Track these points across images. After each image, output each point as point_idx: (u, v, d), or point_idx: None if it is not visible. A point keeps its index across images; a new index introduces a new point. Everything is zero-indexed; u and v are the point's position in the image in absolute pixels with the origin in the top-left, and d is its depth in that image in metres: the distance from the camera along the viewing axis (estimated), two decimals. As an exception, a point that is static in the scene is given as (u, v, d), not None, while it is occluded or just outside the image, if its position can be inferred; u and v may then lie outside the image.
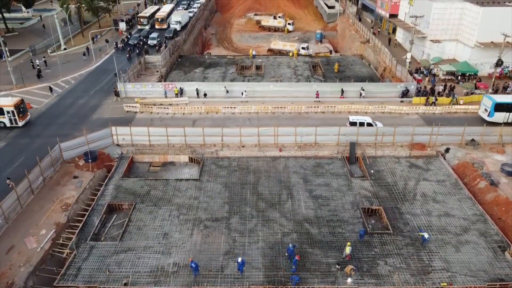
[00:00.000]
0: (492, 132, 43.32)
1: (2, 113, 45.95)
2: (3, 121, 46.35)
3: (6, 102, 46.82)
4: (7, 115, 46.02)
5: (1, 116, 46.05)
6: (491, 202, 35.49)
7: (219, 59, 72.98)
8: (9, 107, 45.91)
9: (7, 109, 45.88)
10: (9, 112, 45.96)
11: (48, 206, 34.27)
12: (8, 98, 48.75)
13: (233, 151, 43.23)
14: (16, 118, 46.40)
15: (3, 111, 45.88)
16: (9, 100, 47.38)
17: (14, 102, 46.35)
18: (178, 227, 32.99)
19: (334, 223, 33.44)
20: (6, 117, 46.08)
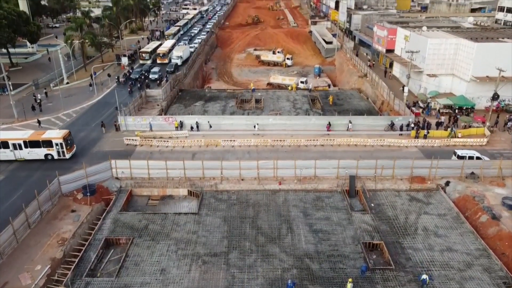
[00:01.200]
0: (492, 165, 43.35)
1: (50, 145, 46.26)
2: (51, 153, 46.58)
3: (55, 134, 47.31)
4: (56, 147, 46.32)
5: (50, 149, 46.35)
6: (493, 236, 35.00)
7: (219, 93, 74.00)
8: (58, 139, 46.28)
9: (56, 141, 46.23)
10: (58, 145, 46.28)
11: (45, 240, 33.76)
12: (56, 131, 49.38)
13: (233, 184, 43.07)
14: (64, 150, 46.67)
15: (51, 143, 46.22)
16: (57, 133, 47.90)
17: (63, 135, 46.84)
18: (176, 263, 32.37)
19: (335, 258, 32.84)
20: (54, 149, 46.39)
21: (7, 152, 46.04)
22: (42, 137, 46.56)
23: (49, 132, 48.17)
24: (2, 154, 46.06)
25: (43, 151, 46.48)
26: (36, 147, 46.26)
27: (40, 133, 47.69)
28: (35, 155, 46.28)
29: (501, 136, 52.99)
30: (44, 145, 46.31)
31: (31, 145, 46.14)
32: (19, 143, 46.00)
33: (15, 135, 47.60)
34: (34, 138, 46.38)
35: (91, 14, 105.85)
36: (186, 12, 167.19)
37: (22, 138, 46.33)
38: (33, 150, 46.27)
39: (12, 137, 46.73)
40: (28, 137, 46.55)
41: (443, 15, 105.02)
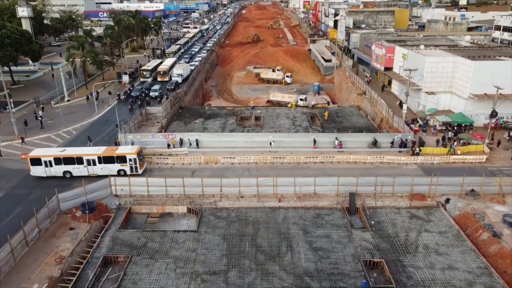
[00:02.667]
0: (491, 182, 43.30)
1: (124, 161, 46.51)
2: (124, 169, 46.82)
3: (129, 150, 47.69)
4: (129, 162, 46.58)
5: (123, 164, 46.59)
6: (495, 254, 34.72)
7: (219, 110, 74.37)
8: (132, 154, 46.62)
9: (130, 156, 46.54)
10: (131, 160, 46.54)
11: (42, 259, 33.48)
12: (129, 146, 49.75)
13: (232, 201, 42.93)
14: (137, 165, 46.88)
15: (125, 159, 46.47)
16: (130, 148, 48.30)
17: (136, 150, 47.22)
18: (175, 281, 32.03)
19: (335, 277, 32.51)
20: (128, 165, 46.66)
21: (81, 168, 46.38)
22: (116, 153, 46.85)
23: (122, 148, 48.58)
24: (76, 170, 46.40)
25: (117, 166, 46.70)
26: (110, 162, 46.53)
27: (114, 149, 47.97)
28: (108, 171, 46.25)
29: (500, 153, 53.05)
30: (118, 161, 46.58)
31: (105, 161, 46.41)
32: (93, 158, 46.29)
33: (89, 151, 47.90)
34: (108, 154, 46.69)
35: (93, 33, 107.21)
36: (187, 31, 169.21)
37: (96, 153, 46.63)
38: (106, 166, 46.47)
39: (86, 152, 47.09)
40: (102, 152, 46.84)
41: (441, 33, 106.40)
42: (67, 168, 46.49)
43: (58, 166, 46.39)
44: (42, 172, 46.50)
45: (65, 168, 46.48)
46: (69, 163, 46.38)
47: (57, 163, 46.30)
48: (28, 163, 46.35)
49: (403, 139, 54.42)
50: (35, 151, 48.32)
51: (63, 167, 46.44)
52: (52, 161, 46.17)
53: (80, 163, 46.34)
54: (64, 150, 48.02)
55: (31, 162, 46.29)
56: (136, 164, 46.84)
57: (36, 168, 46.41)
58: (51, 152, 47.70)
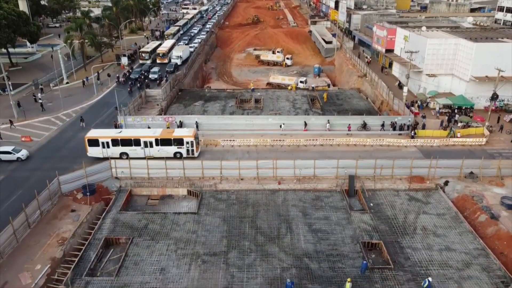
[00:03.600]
0: (491, 165, 43.45)
1: (181, 143, 46.48)
2: (180, 152, 46.77)
3: (186, 132, 47.57)
4: (186, 145, 46.53)
5: (180, 147, 46.57)
6: (492, 236, 35.11)
7: (219, 93, 74.08)
8: (190, 137, 46.53)
9: (187, 139, 46.49)
10: (188, 143, 46.50)
11: (44, 240, 33.85)
12: (186, 129, 49.53)
13: (232, 184, 43.16)
14: (194, 148, 46.83)
15: (182, 141, 46.42)
16: (187, 131, 48.14)
17: (193, 133, 47.12)
18: (176, 262, 32.46)
19: (334, 258, 32.94)
20: (184, 147, 46.63)
21: (138, 150, 46.50)
22: (173, 135, 46.83)
23: (178, 131, 48.48)
24: (132, 151, 46.52)
25: (173, 149, 46.72)
26: (167, 145, 46.58)
27: (170, 131, 47.94)
28: (164, 153, 46.34)
29: (500, 136, 53.06)
30: (175, 143, 46.56)
31: (162, 143, 46.46)
32: (151, 141, 46.34)
33: (147, 133, 47.85)
34: (166, 136, 46.72)
35: (90, 14, 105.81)
36: (186, 12, 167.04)
37: (154, 136, 46.67)
38: (163, 148, 46.55)
39: (143, 134, 47.12)
40: (159, 135, 46.82)
41: (443, 15, 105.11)
42: (124, 150, 46.57)
43: (115, 148, 46.46)
44: (99, 153, 46.48)
45: (122, 150, 46.57)
46: (126, 145, 46.48)
47: (114, 145, 46.37)
48: (86, 144, 46.35)
49: (393, 121, 54.33)
50: (91, 132, 48.19)
51: (120, 148, 46.53)
52: (109, 142, 46.24)
53: (137, 144, 46.41)
54: (121, 132, 48.03)
55: (89, 143, 46.29)
56: (192, 147, 46.64)
57: (93, 149, 46.45)
58: (108, 134, 47.61)
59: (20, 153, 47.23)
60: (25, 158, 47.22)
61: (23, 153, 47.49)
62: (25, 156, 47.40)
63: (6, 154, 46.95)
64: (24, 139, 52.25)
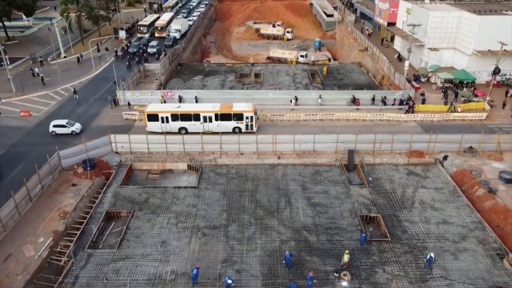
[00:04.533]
0: (490, 139, 43.48)
1: (240, 118, 46.00)
2: (239, 127, 46.32)
3: (246, 107, 46.96)
4: (245, 120, 46.01)
5: (239, 122, 46.13)
6: (489, 209, 35.49)
7: (218, 67, 73.34)
8: (249, 112, 45.97)
9: (247, 114, 45.93)
10: (248, 118, 45.97)
11: (46, 214, 34.26)
12: (245, 104, 48.74)
13: (232, 158, 43.32)
14: (253, 123, 46.38)
15: (242, 116, 45.93)
16: (247, 106, 47.50)
17: (253, 108, 46.58)
18: (176, 235, 32.95)
19: (332, 231, 33.41)
20: (243, 122, 46.13)
21: (197, 125, 46.19)
22: (233, 110, 46.29)
23: (237, 105, 47.71)
24: (191, 126, 46.24)
25: (232, 124, 46.30)
26: (226, 120, 46.13)
27: (229, 106, 47.25)
28: (223, 128, 46.04)
29: (500, 111, 52.85)
30: (235, 118, 46.12)
31: (221, 118, 46.04)
32: (210, 115, 45.94)
33: (206, 107, 47.28)
34: (225, 111, 46.20)
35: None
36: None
37: (213, 111, 46.17)
38: (222, 123, 46.15)
39: (203, 109, 46.64)
40: (219, 110, 46.32)
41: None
42: (183, 125, 46.31)
43: (175, 122, 46.20)
44: (158, 128, 46.25)
45: (181, 125, 46.31)
46: (185, 120, 46.17)
47: (174, 119, 46.07)
48: (145, 118, 46.14)
49: (382, 96, 54.01)
50: (150, 106, 47.81)
51: (180, 123, 46.27)
52: (169, 117, 45.95)
53: (196, 119, 46.05)
54: (180, 107, 47.56)
55: (148, 118, 46.03)
56: (252, 121, 46.19)
57: (152, 123, 46.22)
58: (167, 108, 47.21)
59: (74, 127, 47.17)
60: (79, 132, 47.07)
61: (77, 126, 47.43)
62: (79, 129, 47.28)
63: (61, 127, 46.88)
64: (23, 114, 52.11)
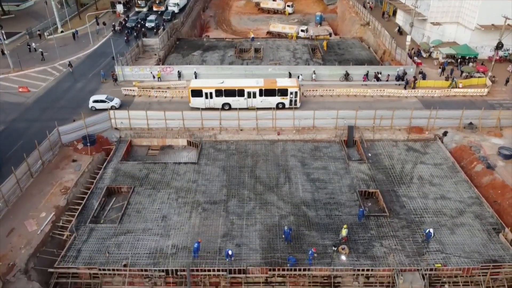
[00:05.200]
0: (490, 115, 43.36)
1: (285, 94, 45.46)
2: (283, 102, 45.77)
3: (290, 83, 46.53)
4: (290, 96, 45.49)
5: (284, 97, 45.57)
6: (487, 185, 35.76)
7: (218, 42, 72.39)
8: (294, 88, 45.43)
9: (292, 90, 45.39)
10: (292, 93, 45.43)
11: (48, 189, 34.53)
12: (289, 79, 48.19)
13: (231, 134, 43.32)
14: (297, 99, 45.84)
15: (286, 92, 45.39)
16: (291, 81, 47.10)
17: (297, 83, 46.29)
18: (177, 210, 33.33)
19: (331, 206, 33.76)
20: (288, 98, 45.60)
21: (241, 100, 45.72)
22: (278, 86, 45.75)
23: (281, 81, 47.15)
24: (235, 102, 45.81)
25: (277, 99, 45.77)
26: (271, 95, 45.60)
27: (273, 82, 46.68)
28: (267, 104, 45.58)
29: (502, 87, 52.49)
30: (279, 94, 45.62)
31: (266, 93, 45.53)
32: (254, 91, 45.39)
33: (250, 83, 46.70)
34: (270, 87, 45.63)
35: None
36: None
37: (258, 86, 45.59)
38: (266, 99, 45.68)
39: (247, 85, 46.08)
40: (264, 85, 45.77)
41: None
42: (227, 100, 45.81)
43: (218, 98, 45.71)
44: (201, 103, 45.82)
45: (225, 100, 45.81)
46: (229, 95, 45.67)
47: (218, 95, 45.60)
48: (189, 94, 45.80)
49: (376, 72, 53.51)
50: (193, 82, 47.42)
51: (223, 99, 45.78)
52: (213, 92, 45.47)
53: (241, 95, 45.53)
54: (223, 82, 46.87)
55: (192, 94, 45.61)
56: (296, 97, 45.64)
57: (196, 99, 45.79)
58: (211, 84, 46.66)
59: (114, 102, 47.09)
60: (118, 107, 46.89)
61: (117, 101, 47.33)
62: (118, 104, 47.15)
63: (101, 103, 46.79)
64: (21, 89, 51.80)
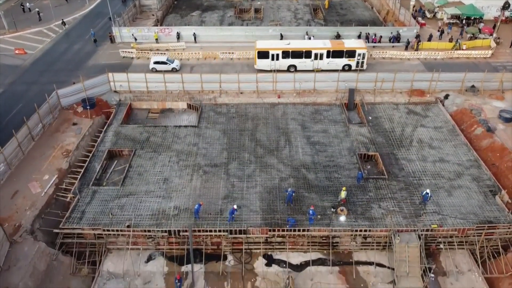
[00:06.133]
0: (493, 78, 42.91)
1: (352, 55, 44.73)
2: (350, 64, 45.05)
3: (358, 44, 45.70)
4: (357, 57, 44.77)
5: (351, 59, 44.88)
6: (486, 148, 35.93)
7: (217, 2, 70.44)
8: (363, 49, 44.71)
9: (360, 51, 44.67)
10: (360, 55, 44.70)
11: (49, 152, 34.73)
12: (356, 40, 47.40)
13: (232, 97, 43.06)
14: (364, 61, 45.16)
15: (354, 53, 44.63)
16: (359, 42, 46.23)
17: (365, 44, 45.47)
18: (178, 173, 33.68)
19: (331, 169, 34.09)
20: (355, 60, 44.92)
21: (307, 62, 45.15)
22: (346, 47, 44.93)
23: (349, 42, 46.26)
24: (301, 64, 45.26)
25: (343, 61, 45.20)
26: (338, 57, 44.96)
27: (341, 43, 46.01)
28: (334, 66, 45.09)
29: (506, 48, 51.61)
30: (346, 55, 44.95)
31: (333, 55, 44.85)
32: (322, 52, 44.68)
33: (317, 44, 45.86)
34: (338, 48, 44.86)
35: None
36: None
37: (325, 47, 44.84)
38: (333, 60, 45.07)
39: (315, 46, 45.37)
40: (331, 46, 45.04)
41: None
42: (293, 62, 45.24)
43: (285, 60, 45.12)
44: (267, 65, 45.29)
45: (291, 62, 45.25)
46: (296, 57, 45.01)
47: (284, 57, 44.95)
48: (255, 56, 45.16)
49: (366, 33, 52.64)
50: (260, 43, 46.42)
51: (290, 60, 45.21)
52: (279, 54, 44.76)
53: (307, 57, 44.89)
54: (289, 44, 46.03)
55: (258, 55, 44.95)
56: (363, 59, 44.99)
57: (262, 61, 45.19)
58: (277, 45, 45.85)
59: (175, 64, 46.84)
60: (179, 69, 46.66)
61: (177, 63, 47.09)
62: (179, 66, 46.87)
63: (162, 64, 46.45)
64: (17, 51, 51.02)
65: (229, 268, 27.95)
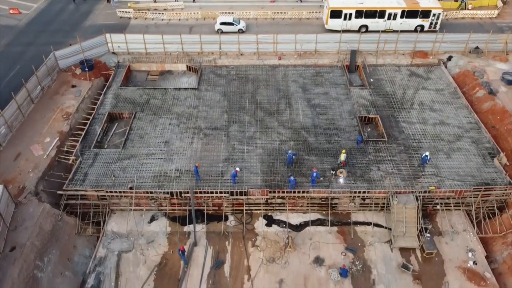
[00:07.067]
0: (498, 39, 42.13)
1: (426, 16, 43.76)
2: (423, 25, 44.22)
3: (433, 4, 44.45)
4: (431, 18, 43.79)
5: (425, 19, 43.88)
6: (487, 111, 35.86)
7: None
8: (438, 9, 43.65)
9: (435, 11, 43.68)
10: (435, 15, 43.71)
11: (49, 115, 34.70)
12: (432, 0, 45.62)
13: (232, 59, 42.48)
14: (438, 21, 44.13)
15: (429, 13, 43.65)
16: (434, 2, 44.87)
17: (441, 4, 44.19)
18: (179, 135, 33.80)
19: (331, 131, 34.18)
20: (429, 20, 43.95)
21: (380, 22, 44.29)
22: (421, 7, 43.88)
23: (424, 2, 44.89)
24: (373, 24, 44.38)
25: (417, 21, 44.33)
26: (412, 17, 44.05)
27: (415, 2, 44.75)
28: (406, 26, 44.32)
29: (513, 8, 50.40)
30: (421, 16, 43.99)
31: (407, 15, 43.92)
32: (396, 12, 43.70)
33: (391, 3, 44.64)
34: (413, 8, 43.93)
35: None
36: None
37: (400, 7, 43.86)
38: (406, 21, 44.19)
39: (389, 6, 44.23)
40: (406, 6, 43.95)
41: None
42: (365, 22, 44.44)
43: (357, 20, 44.33)
44: (339, 25, 44.37)
45: (363, 22, 44.43)
46: (369, 17, 44.15)
47: (357, 16, 44.11)
48: (328, 14, 44.05)
49: None
50: (333, 1, 45.09)
51: (362, 20, 44.39)
52: (353, 13, 43.85)
53: (381, 16, 44.02)
54: (363, 3, 44.79)
55: (331, 14, 43.90)
56: (438, 19, 43.93)
57: (334, 21, 44.30)
58: (352, 4, 44.63)
59: (241, 25, 46.13)
60: (245, 30, 46.13)
61: (243, 24, 46.32)
62: (245, 27, 46.20)
63: (229, 25, 45.76)
64: (12, 11, 49.80)
65: (230, 228, 28.67)
